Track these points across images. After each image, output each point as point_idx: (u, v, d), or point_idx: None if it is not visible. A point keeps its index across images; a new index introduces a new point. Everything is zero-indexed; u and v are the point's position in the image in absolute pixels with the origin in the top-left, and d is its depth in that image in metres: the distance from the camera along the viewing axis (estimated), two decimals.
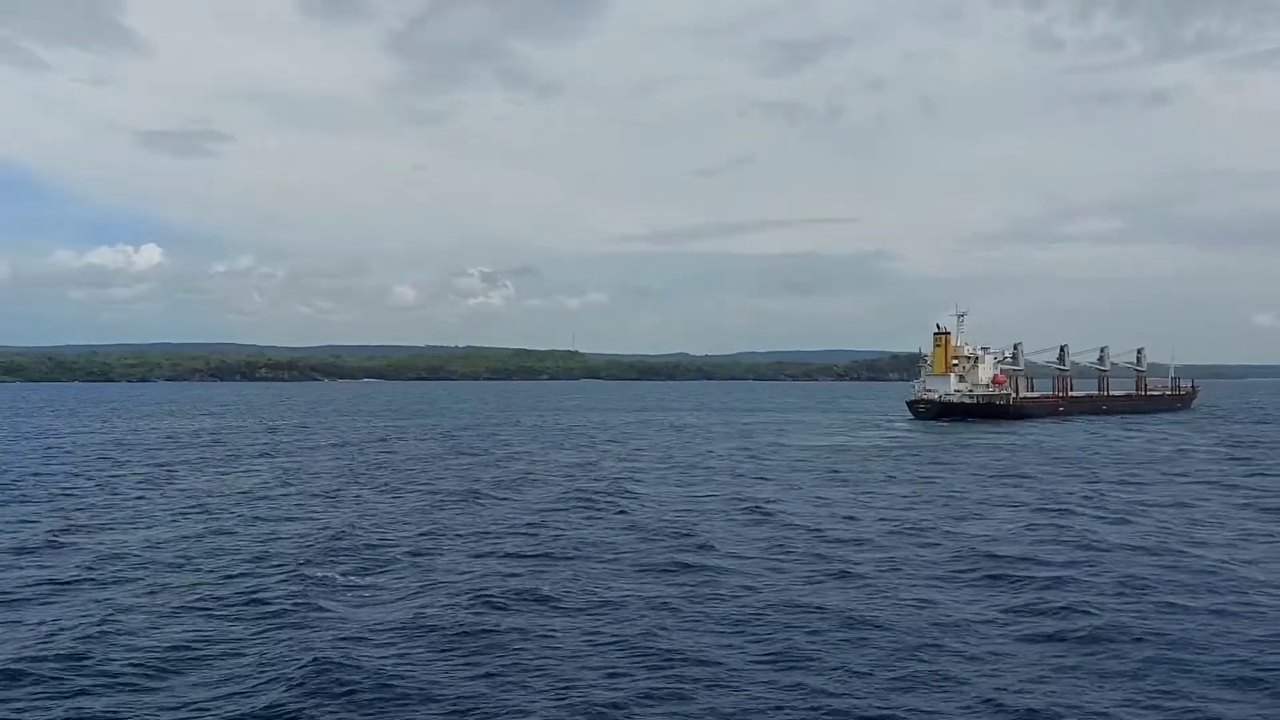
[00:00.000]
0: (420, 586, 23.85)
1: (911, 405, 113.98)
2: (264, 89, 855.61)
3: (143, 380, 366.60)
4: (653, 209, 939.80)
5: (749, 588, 23.76)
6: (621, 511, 36.40)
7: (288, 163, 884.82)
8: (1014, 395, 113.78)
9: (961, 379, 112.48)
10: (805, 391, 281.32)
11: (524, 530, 31.94)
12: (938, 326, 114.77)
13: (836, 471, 52.09)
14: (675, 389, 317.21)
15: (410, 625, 20.28)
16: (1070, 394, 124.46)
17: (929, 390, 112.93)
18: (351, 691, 16.20)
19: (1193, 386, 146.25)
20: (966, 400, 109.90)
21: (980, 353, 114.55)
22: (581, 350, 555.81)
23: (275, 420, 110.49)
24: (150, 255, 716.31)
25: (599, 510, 36.62)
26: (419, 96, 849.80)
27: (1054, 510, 36.84)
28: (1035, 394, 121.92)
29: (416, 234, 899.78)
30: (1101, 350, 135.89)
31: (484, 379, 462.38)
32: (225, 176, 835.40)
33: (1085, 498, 40.91)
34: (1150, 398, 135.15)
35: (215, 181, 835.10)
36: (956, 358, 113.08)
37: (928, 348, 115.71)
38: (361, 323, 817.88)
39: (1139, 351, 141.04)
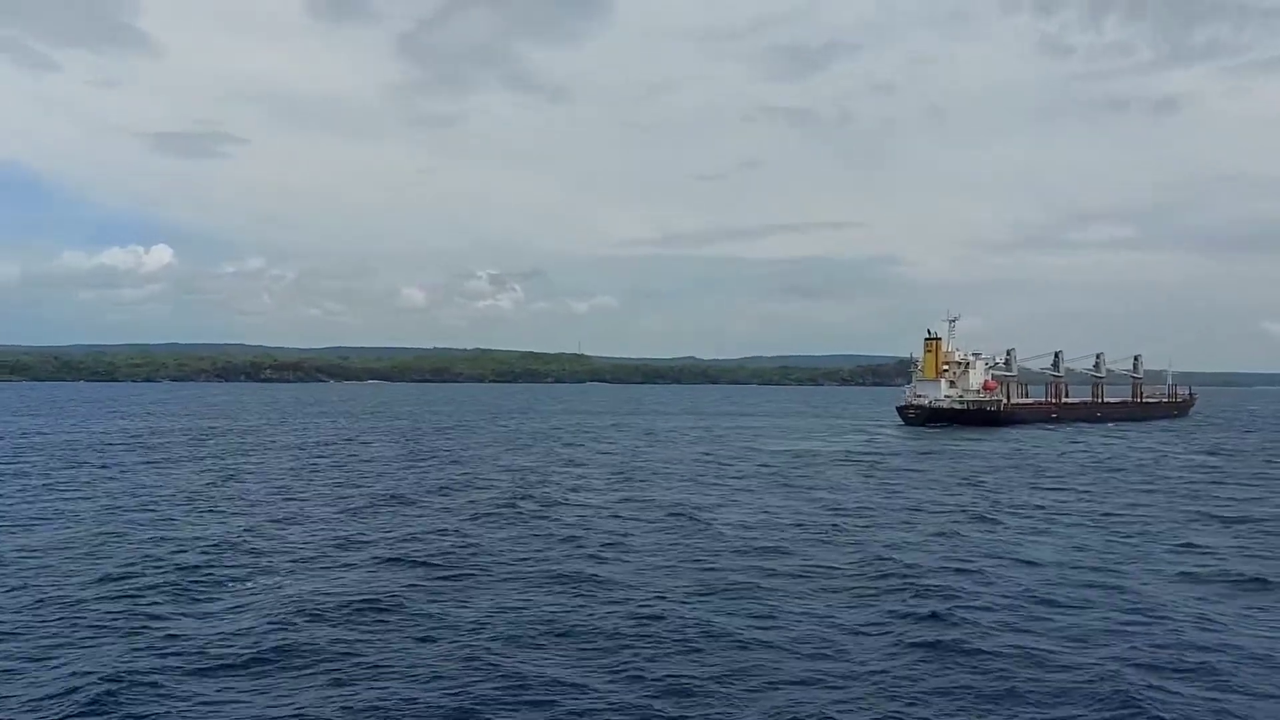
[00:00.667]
0: (262, 598, 22.27)
1: (901, 411, 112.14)
2: (273, 91, 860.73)
3: (147, 380, 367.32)
4: (660, 212, 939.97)
5: (618, 599, 22.26)
6: (541, 518, 34.84)
7: (297, 165, 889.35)
8: (1005, 401, 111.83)
9: (952, 384, 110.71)
10: (806, 396, 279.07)
11: (417, 538, 30.29)
12: (929, 332, 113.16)
13: (787, 478, 50.26)
14: (676, 393, 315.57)
15: (228, 641, 18.81)
16: (1064, 400, 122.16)
17: (919, 396, 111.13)
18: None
19: (1190, 394, 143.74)
20: (956, 406, 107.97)
21: (971, 358, 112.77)
22: (588, 353, 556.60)
23: (249, 421, 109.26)
24: (160, 256, 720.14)
25: (513, 518, 34.94)
26: (426, 99, 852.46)
27: (979, 519, 35.52)
28: (1028, 400, 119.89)
29: (424, 236, 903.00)
30: (1097, 357, 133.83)
31: (489, 381, 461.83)
32: (235, 178, 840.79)
33: (1017, 506, 39.49)
34: (1146, 405, 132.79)
35: (224, 183, 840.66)
36: (947, 363, 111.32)
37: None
38: (370, 324, 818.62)
39: (1136, 358, 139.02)
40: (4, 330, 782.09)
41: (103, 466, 53.39)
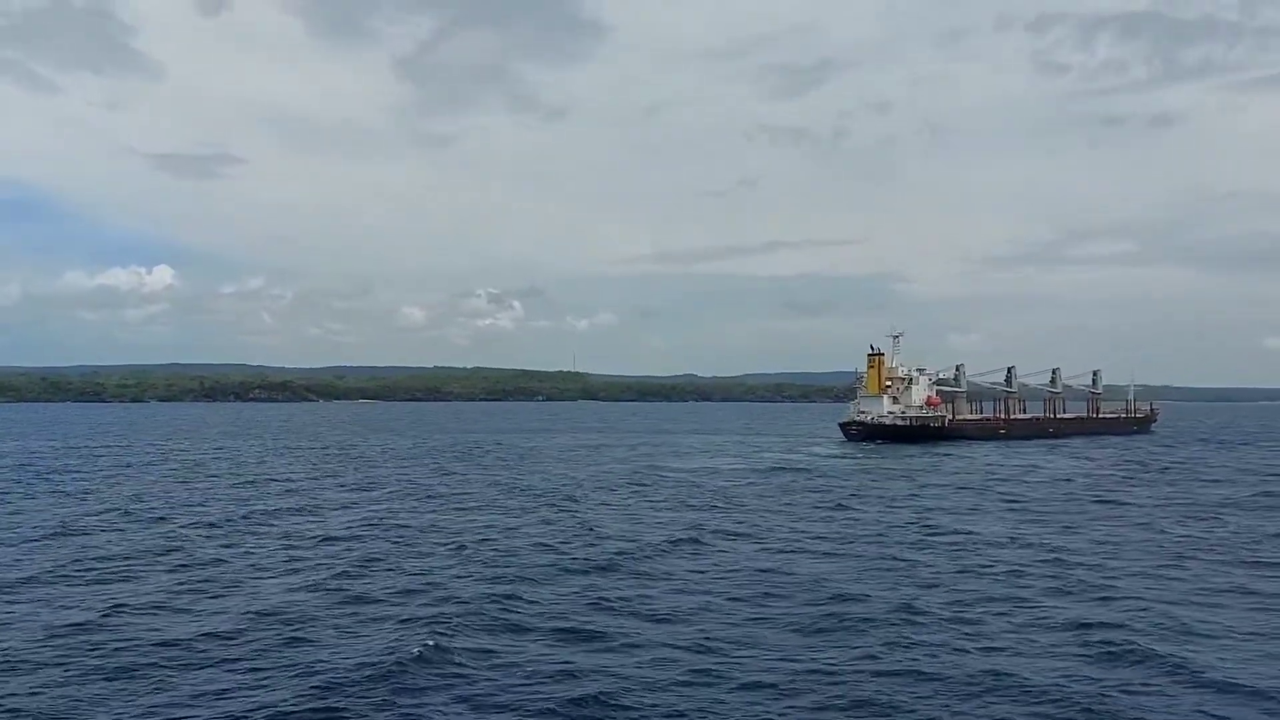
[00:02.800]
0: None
1: (844, 427, 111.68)
2: (274, 112, 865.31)
3: (135, 401, 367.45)
4: (660, 231, 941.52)
5: (376, 617, 22.32)
6: (372, 538, 34.70)
7: (298, 185, 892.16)
8: (949, 417, 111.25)
9: (895, 400, 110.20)
10: (783, 413, 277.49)
11: (200, 561, 30.13)
12: (872, 348, 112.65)
13: (660, 495, 50.23)
14: (661, 410, 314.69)
15: None
16: (1013, 416, 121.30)
17: (862, 412, 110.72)
18: None
19: (1151, 409, 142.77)
20: (899, 422, 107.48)
21: (915, 374, 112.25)
22: (586, 371, 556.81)
23: (178, 444, 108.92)
24: (162, 277, 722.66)
25: (347, 538, 34.87)
26: (427, 119, 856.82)
27: (801, 533, 35.48)
28: (975, 416, 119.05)
29: (425, 255, 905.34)
30: (1053, 372, 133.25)
31: (480, 400, 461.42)
32: (236, 198, 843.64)
33: (844, 525, 39.24)
34: (1104, 420, 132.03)
35: (226, 204, 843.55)
36: (890, 379, 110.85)
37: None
38: (370, 344, 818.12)
39: (1095, 373, 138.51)
40: (4, 351, 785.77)
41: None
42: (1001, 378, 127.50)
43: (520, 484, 56.80)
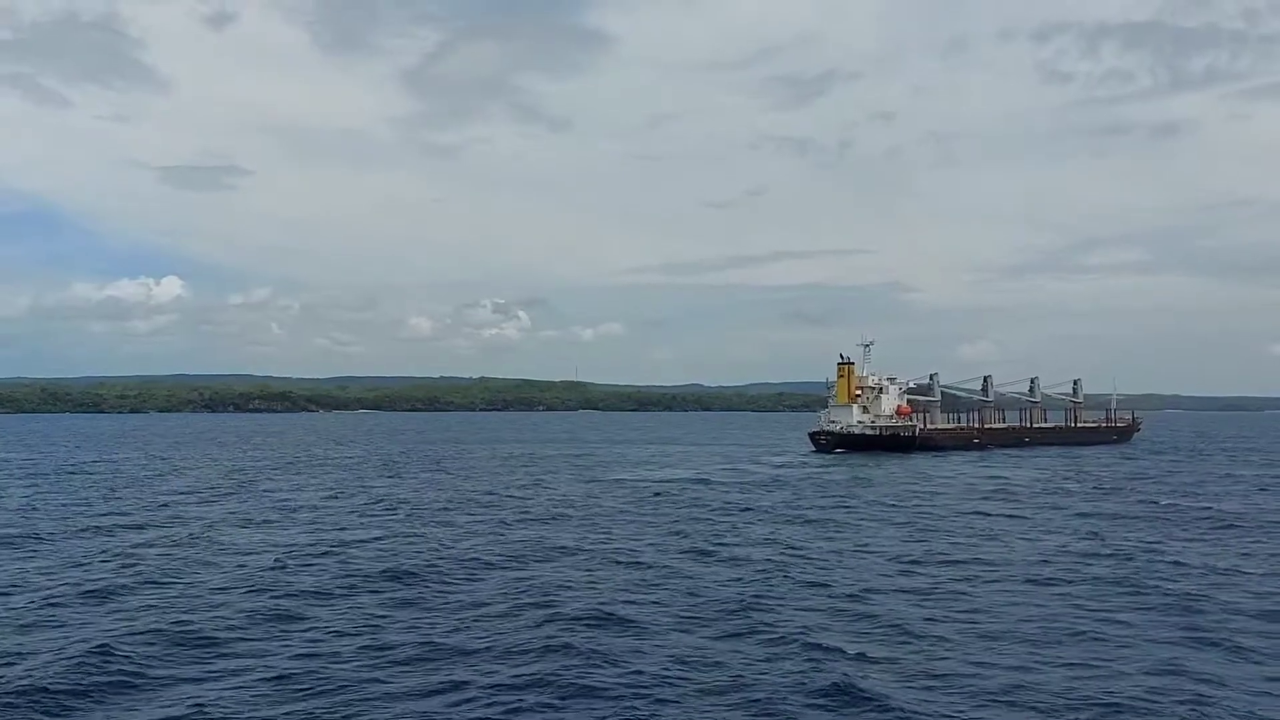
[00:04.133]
0: None
1: (813, 437, 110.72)
2: (281, 123, 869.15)
3: (134, 412, 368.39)
4: (666, 241, 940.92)
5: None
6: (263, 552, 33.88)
7: (305, 196, 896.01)
8: (920, 427, 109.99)
9: (865, 410, 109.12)
10: (775, 423, 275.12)
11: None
12: (841, 356, 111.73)
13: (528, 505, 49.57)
14: (652, 420, 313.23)
15: None
16: (988, 426, 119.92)
17: (832, 421, 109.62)
18: None
19: (1133, 418, 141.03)
20: (868, 432, 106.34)
21: (885, 383, 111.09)
22: (589, 381, 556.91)
23: (127, 453, 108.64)
24: (170, 288, 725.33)
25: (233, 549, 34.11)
26: (433, 131, 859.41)
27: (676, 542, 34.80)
28: (947, 426, 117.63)
29: (432, 266, 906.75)
30: (1031, 381, 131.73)
31: (480, 410, 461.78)
32: (243, 210, 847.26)
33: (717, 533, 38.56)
34: (1083, 430, 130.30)
35: (233, 215, 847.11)
36: (860, 388, 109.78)
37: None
38: (376, 354, 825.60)
39: (1075, 382, 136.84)
40: (13, 362, 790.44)
41: None
42: (978, 386, 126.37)
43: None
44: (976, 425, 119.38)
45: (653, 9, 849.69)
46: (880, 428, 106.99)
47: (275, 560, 31.20)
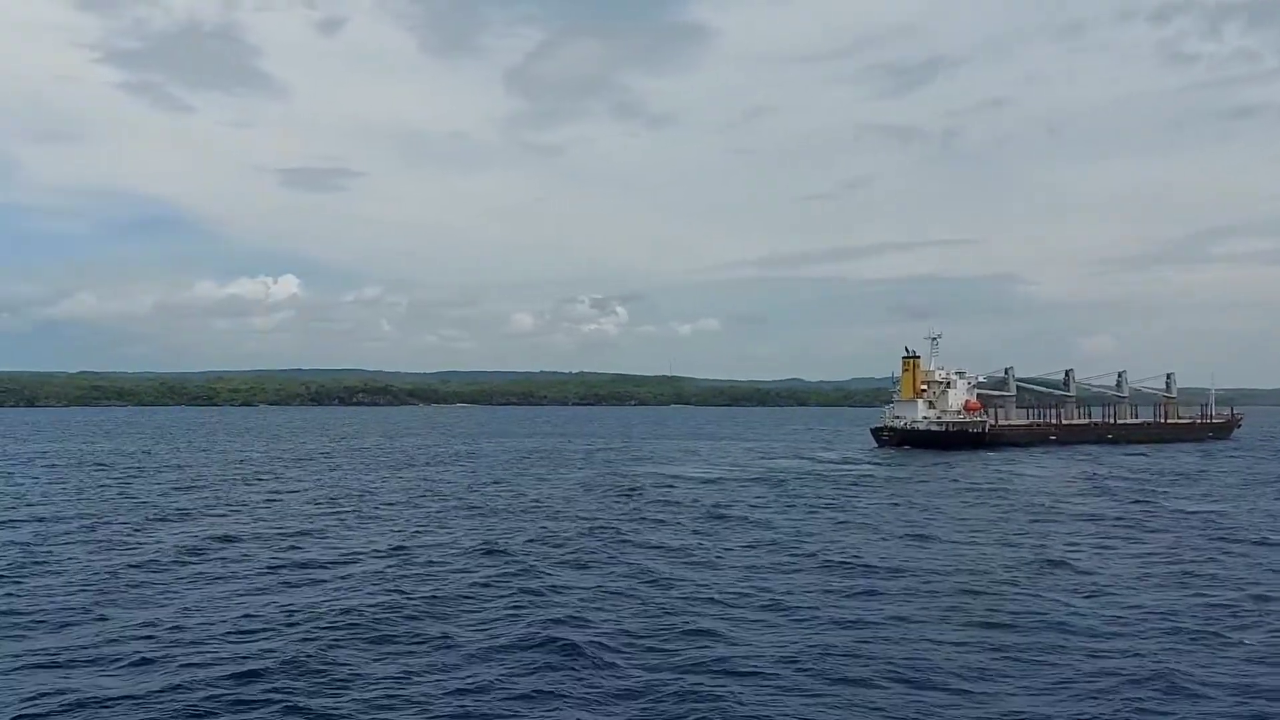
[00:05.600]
0: None
1: (876, 433, 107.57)
2: (390, 126, 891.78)
3: (246, 405, 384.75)
4: (765, 235, 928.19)
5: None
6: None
7: (413, 196, 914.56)
8: (990, 423, 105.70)
9: (931, 405, 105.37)
10: (859, 418, 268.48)
11: None
12: (907, 350, 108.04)
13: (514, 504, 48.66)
14: (740, 415, 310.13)
15: None
16: (1065, 422, 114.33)
17: (896, 417, 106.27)
18: None
19: (1232, 414, 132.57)
20: (934, 428, 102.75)
21: (953, 378, 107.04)
22: (684, 376, 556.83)
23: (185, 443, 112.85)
24: (287, 286, 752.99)
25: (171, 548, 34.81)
26: (535, 130, 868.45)
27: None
28: (1020, 422, 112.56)
29: (534, 263, 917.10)
30: (1119, 374, 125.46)
31: (574, 404, 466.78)
32: (356, 211, 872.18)
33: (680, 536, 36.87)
34: (1175, 426, 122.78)
35: (347, 216, 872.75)
36: (926, 383, 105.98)
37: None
38: (481, 349, 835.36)
39: (1168, 376, 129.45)
40: (141, 358, 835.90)
41: None
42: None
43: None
44: (1054, 421, 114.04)
45: (752, 1, 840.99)
46: (947, 423, 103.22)
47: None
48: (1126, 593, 26.11)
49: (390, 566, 29.41)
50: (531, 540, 34.68)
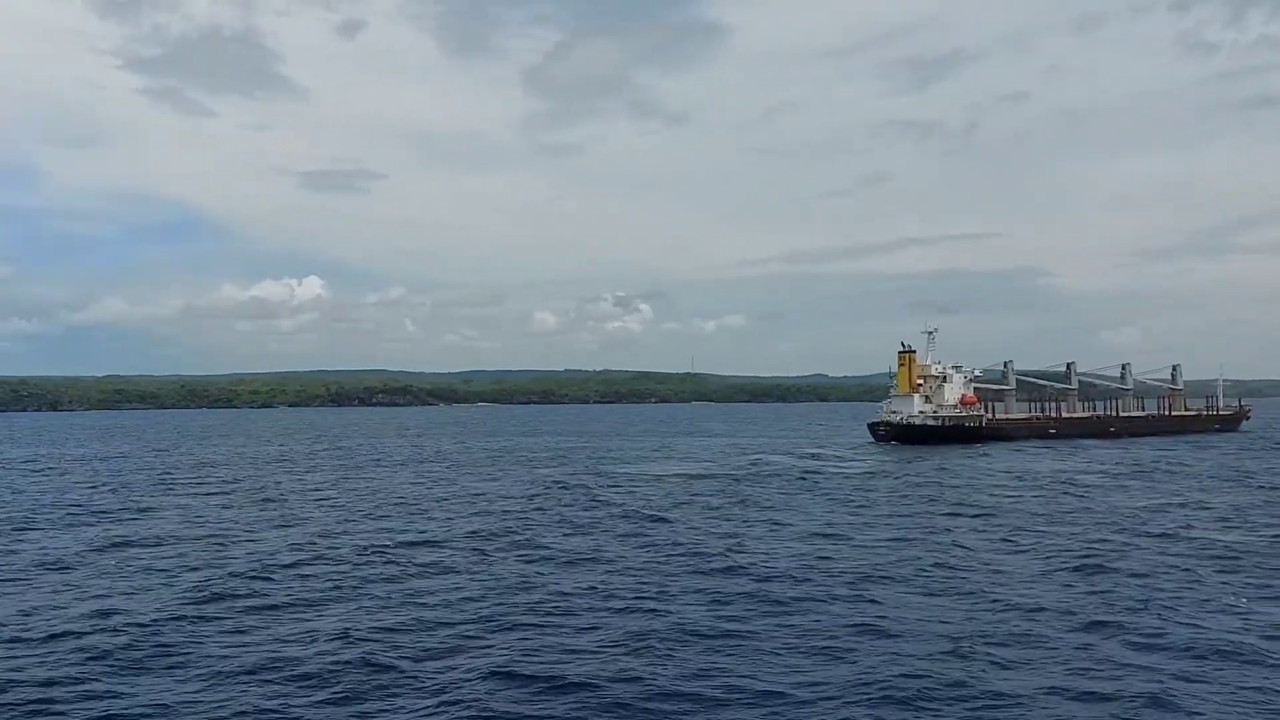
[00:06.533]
0: None
1: (872, 428, 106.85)
2: (410, 128, 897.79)
3: (265, 406, 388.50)
4: (788, 232, 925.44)
5: None
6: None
7: (433, 197, 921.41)
8: (987, 417, 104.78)
9: (927, 400, 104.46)
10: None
11: None
12: (903, 345, 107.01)
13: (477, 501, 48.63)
14: (756, 410, 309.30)
15: None
16: (1065, 415, 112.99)
17: (893, 412, 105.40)
18: None
19: (1240, 406, 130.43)
20: (930, 422, 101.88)
21: (949, 372, 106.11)
22: (707, 372, 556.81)
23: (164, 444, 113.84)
24: (311, 288, 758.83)
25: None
26: (553, 130, 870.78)
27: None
28: (1018, 416, 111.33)
29: (555, 262, 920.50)
30: (1123, 367, 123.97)
31: (595, 402, 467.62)
32: (378, 212, 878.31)
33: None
34: (1180, 418, 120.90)
35: (369, 217, 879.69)
36: (923, 377, 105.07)
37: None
38: (504, 349, 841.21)
39: (1174, 368, 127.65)
40: (168, 360, 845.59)
41: None
42: (1060, 373, 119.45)
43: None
44: (1054, 415, 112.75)
45: None
46: (943, 418, 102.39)
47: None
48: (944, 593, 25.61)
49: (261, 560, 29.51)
50: (412, 544, 34.30)
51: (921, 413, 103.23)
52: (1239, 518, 40.05)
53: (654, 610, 23.37)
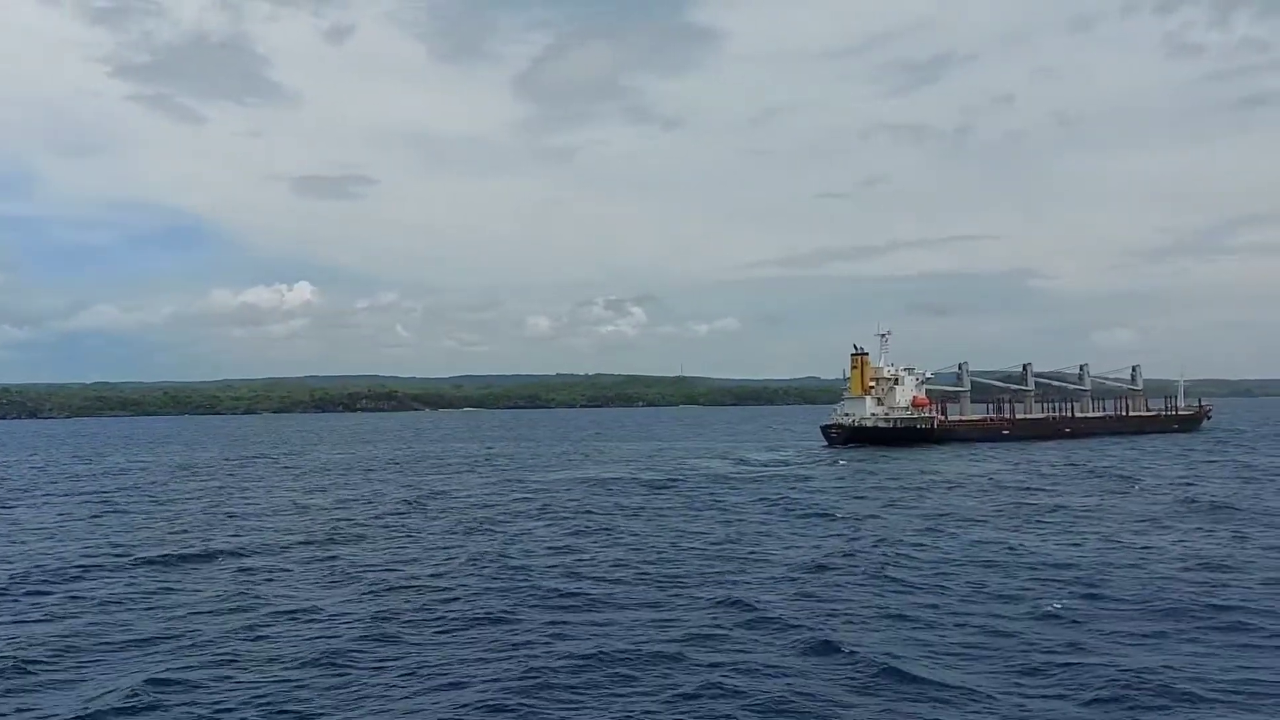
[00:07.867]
0: None
1: (825, 430, 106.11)
2: (402, 133, 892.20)
3: (248, 413, 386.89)
4: (781, 235, 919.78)
5: None
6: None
7: (427, 202, 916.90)
8: (939, 419, 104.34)
9: (879, 402, 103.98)
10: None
11: None
12: (855, 347, 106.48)
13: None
14: (742, 414, 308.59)
15: None
16: (1019, 416, 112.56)
17: (846, 415, 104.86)
18: None
19: (1200, 406, 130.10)
20: (882, 424, 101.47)
21: (902, 374, 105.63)
22: (702, 376, 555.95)
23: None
24: (302, 293, 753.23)
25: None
26: (547, 134, 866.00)
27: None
28: (970, 417, 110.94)
29: (550, 266, 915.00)
30: (1081, 367, 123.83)
31: (582, 406, 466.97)
32: (371, 217, 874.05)
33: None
34: (1138, 419, 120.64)
35: (362, 222, 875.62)
36: (875, 379, 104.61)
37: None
38: (498, 353, 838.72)
39: (1134, 369, 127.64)
40: (158, 367, 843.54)
41: None
42: (1016, 373, 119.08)
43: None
44: (1008, 416, 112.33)
45: (762, 1, 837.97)
46: (895, 420, 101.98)
47: None
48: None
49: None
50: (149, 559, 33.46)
51: (873, 415, 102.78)
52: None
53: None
